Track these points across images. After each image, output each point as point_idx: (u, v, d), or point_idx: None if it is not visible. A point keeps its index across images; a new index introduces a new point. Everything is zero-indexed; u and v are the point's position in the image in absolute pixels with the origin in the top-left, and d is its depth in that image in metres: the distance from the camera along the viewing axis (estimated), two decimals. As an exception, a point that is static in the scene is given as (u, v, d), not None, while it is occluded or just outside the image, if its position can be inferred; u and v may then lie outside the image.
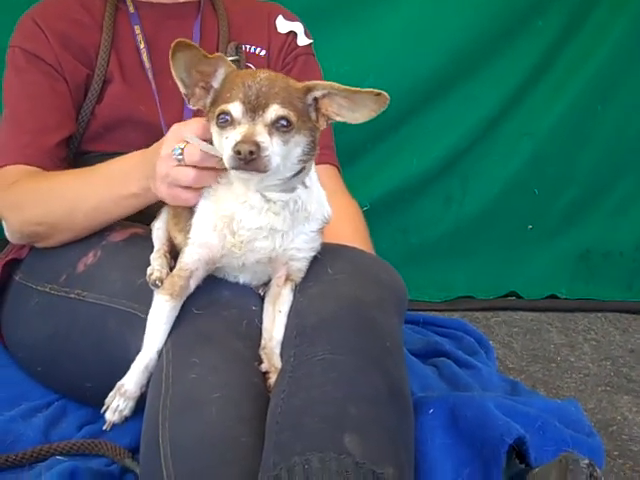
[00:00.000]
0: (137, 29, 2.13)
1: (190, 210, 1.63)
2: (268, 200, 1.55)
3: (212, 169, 1.58)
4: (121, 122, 2.06)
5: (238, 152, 1.41)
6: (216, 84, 1.54)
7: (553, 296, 3.25)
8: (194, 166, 1.57)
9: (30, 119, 2.01)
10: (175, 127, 1.63)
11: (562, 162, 3.30)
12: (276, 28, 2.23)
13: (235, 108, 1.46)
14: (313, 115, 1.53)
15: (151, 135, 1.95)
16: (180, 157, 1.57)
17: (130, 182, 1.73)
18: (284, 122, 1.46)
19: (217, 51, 2.14)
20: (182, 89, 1.55)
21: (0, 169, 1.97)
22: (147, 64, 2.09)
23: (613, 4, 3.15)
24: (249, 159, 1.41)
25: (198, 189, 1.60)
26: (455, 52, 3.08)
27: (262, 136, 1.43)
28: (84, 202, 1.82)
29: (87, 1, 2.16)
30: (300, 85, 1.52)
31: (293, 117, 1.47)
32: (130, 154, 1.79)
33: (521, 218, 3.31)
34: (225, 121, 1.46)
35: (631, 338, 2.98)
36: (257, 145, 1.41)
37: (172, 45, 1.48)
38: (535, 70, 3.20)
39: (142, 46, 2.11)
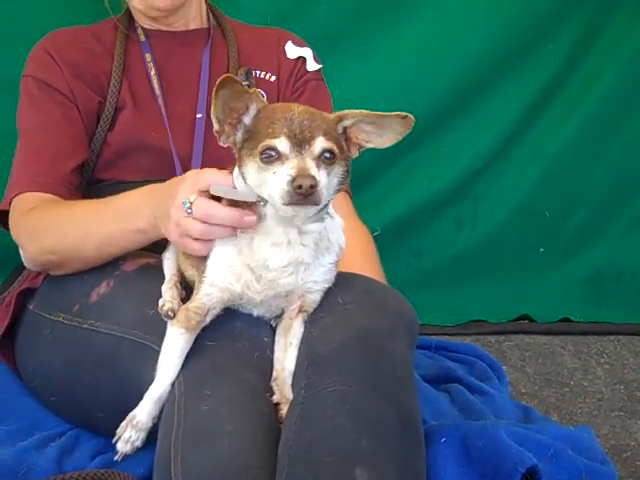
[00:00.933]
0: (148, 56, 2.16)
1: None
2: (302, 233, 1.55)
3: (222, 225, 1.57)
4: (133, 148, 2.08)
5: (299, 187, 1.40)
6: (247, 120, 1.52)
7: (566, 319, 3.23)
8: (204, 221, 1.57)
9: (45, 147, 2.03)
10: (189, 175, 1.63)
11: (573, 184, 3.29)
12: (285, 54, 2.25)
13: (282, 143, 1.44)
14: (344, 144, 1.54)
15: (162, 161, 1.98)
16: (189, 211, 1.56)
17: (138, 218, 1.74)
18: (328, 154, 1.47)
19: None
20: (216, 126, 1.53)
21: (17, 196, 1.99)
22: (158, 91, 2.12)
23: (622, 27, 3.15)
24: (309, 193, 1.41)
25: (208, 241, 1.60)
26: (464, 76, 3.08)
27: (314, 170, 1.43)
28: (95, 234, 1.84)
29: (98, 30, 2.20)
30: (332, 116, 1.53)
31: (336, 149, 1.48)
32: (140, 189, 1.80)
33: (532, 241, 3.30)
34: (270, 157, 1.45)
35: (644, 361, 2.97)
36: (314, 179, 1.42)
37: (217, 82, 1.45)
38: (545, 93, 3.19)
39: (153, 73, 2.14)
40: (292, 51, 2.26)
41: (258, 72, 2.21)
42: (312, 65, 2.26)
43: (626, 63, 3.20)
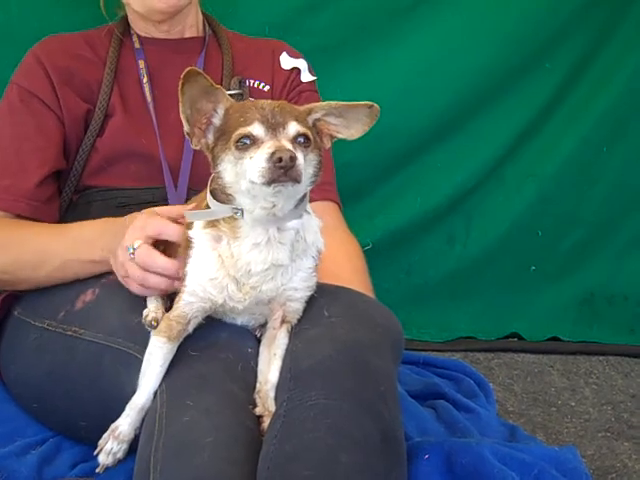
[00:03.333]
0: (141, 63, 2.17)
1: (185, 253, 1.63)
2: (281, 231, 1.55)
3: (160, 274, 1.63)
4: (122, 155, 2.08)
5: (279, 159, 1.40)
6: (217, 121, 1.54)
7: (555, 338, 3.23)
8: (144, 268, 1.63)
9: (11, 162, 2.05)
10: (142, 219, 1.68)
11: (567, 204, 3.29)
12: (280, 64, 2.27)
13: (256, 128, 1.46)
14: (316, 136, 1.55)
15: (151, 168, 1.98)
16: (132, 257, 1.63)
17: (93, 250, 1.82)
18: (302, 139, 1.48)
19: (221, 85, 2.16)
20: (186, 127, 1.54)
21: None
22: (149, 98, 2.12)
23: (620, 47, 3.16)
24: (290, 166, 1.41)
25: (146, 287, 1.66)
26: (461, 92, 3.09)
27: (292, 147, 1.45)
28: (50, 259, 1.90)
29: (92, 37, 2.21)
30: (302, 108, 1.55)
31: (310, 134, 1.49)
32: (100, 220, 1.86)
33: (524, 259, 3.29)
34: (245, 144, 1.46)
35: (633, 383, 2.95)
36: (293, 152, 1.42)
37: (182, 75, 1.47)
38: (541, 111, 3.20)
39: (145, 80, 2.14)
40: (287, 62, 2.26)
41: (252, 81, 2.21)
42: (306, 76, 2.26)
43: (622, 84, 3.21)
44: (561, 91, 3.18)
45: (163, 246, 1.68)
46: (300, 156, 1.45)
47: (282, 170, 1.41)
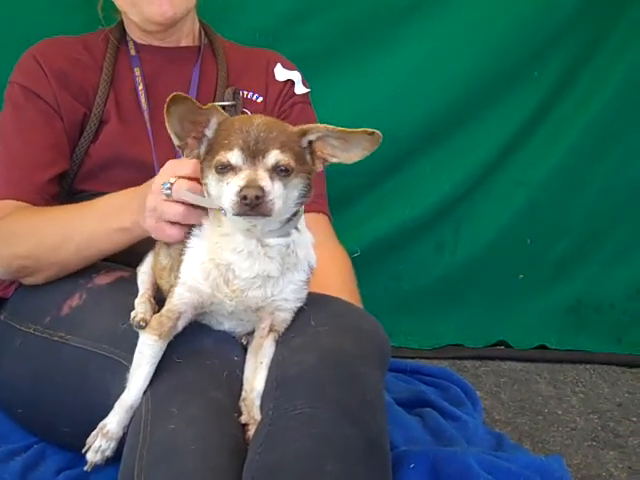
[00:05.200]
0: (137, 71, 2.16)
1: (179, 249, 1.63)
2: (264, 245, 1.55)
3: (200, 207, 1.59)
4: (115, 161, 2.07)
5: (244, 197, 1.41)
6: (209, 133, 1.53)
7: (543, 346, 3.24)
8: (183, 202, 1.58)
9: (24, 155, 2.02)
10: (169, 163, 1.64)
11: (555, 212, 3.30)
12: (274, 76, 2.26)
13: (235, 155, 1.46)
14: (308, 158, 1.54)
15: (144, 176, 1.96)
16: (168, 192, 1.58)
17: (123, 216, 1.75)
18: (282, 168, 1.47)
19: (215, 95, 2.17)
20: (176, 141, 1.54)
21: None
22: (144, 106, 2.12)
23: (609, 56, 3.18)
24: (255, 204, 1.41)
25: (184, 226, 1.61)
26: (450, 100, 3.09)
27: (265, 180, 1.44)
28: (77, 234, 1.83)
29: (89, 41, 2.20)
30: (296, 129, 1.54)
31: (292, 162, 1.48)
32: (125, 190, 1.81)
33: (513, 267, 3.30)
34: (224, 168, 1.46)
35: (619, 391, 2.95)
36: (262, 189, 1.42)
37: (167, 100, 1.48)
38: (530, 120, 3.20)
39: (140, 88, 2.13)
40: (281, 74, 2.26)
41: (245, 92, 2.21)
42: (300, 89, 2.26)
43: (611, 93, 3.21)
44: (550, 100, 3.19)
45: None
46: (277, 186, 1.45)
47: (247, 207, 1.42)
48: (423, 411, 2.25)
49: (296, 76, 2.27)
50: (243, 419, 1.54)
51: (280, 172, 1.47)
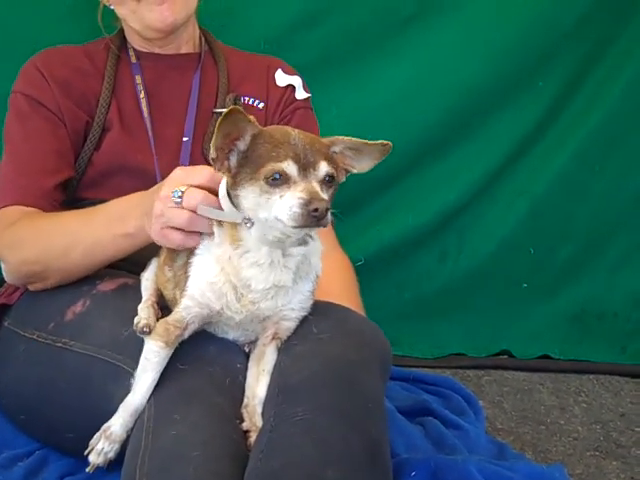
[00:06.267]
0: (138, 78, 2.17)
1: (185, 261, 1.63)
2: (286, 255, 1.56)
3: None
4: (117, 170, 2.08)
5: (315, 210, 1.41)
6: (242, 146, 1.51)
7: (546, 356, 3.23)
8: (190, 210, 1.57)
9: (30, 161, 2.03)
10: (179, 170, 1.64)
11: (558, 221, 3.30)
12: (275, 81, 2.27)
13: (289, 167, 1.46)
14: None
15: (146, 184, 1.96)
16: (179, 200, 1.57)
17: (127, 222, 1.74)
18: (329, 178, 1.49)
19: (216, 102, 2.18)
20: (213, 154, 1.52)
21: (0, 210, 1.98)
22: (146, 113, 2.13)
23: (612, 67, 3.18)
24: (323, 216, 1.42)
25: (189, 233, 1.60)
26: (453, 109, 3.10)
27: (324, 193, 1.46)
28: (82, 240, 1.83)
29: (90, 50, 2.21)
30: (325, 141, 1.55)
31: (335, 173, 1.51)
32: (131, 195, 1.80)
33: (516, 276, 3.29)
34: (275, 180, 1.46)
35: (622, 402, 2.94)
36: (328, 202, 1.44)
37: (224, 113, 1.46)
38: (533, 129, 3.21)
39: (142, 95, 2.14)
40: (282, 79, 2.27)
41: (246, 99, 2.22)
42: (301, 94, 2.27)
43: (614, 102, 3.22)
44: (553, 109, 3.19)
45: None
46: (326, 197, 1.46)
47: (315, 219, 1.43)
48: (425, 420, 2.25)
49: (297, 81, 2.28)
50: (245, 426, 1.54)
51: (327, 183, 1.49)
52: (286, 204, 1.44)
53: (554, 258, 3.32)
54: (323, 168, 1.48)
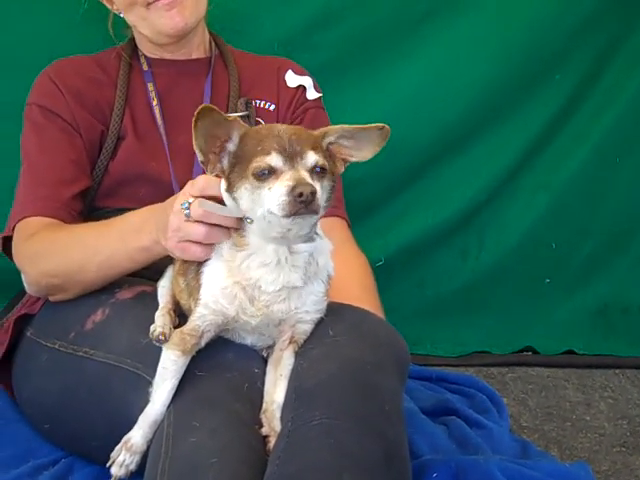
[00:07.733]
0: (150, 86, 2.19)
1: (196, 270, 1.64)
2: (292, 252, 1.56)
3: (221, 226, 1.59)
4: (133, 178, 2.10)
5: (300, 194, 1.41)
6: (232, 146, 1.53)
7: (570, 351, 3.20)
8: (204, 222, 1.58)
9: (48, 172, 2.05)
10: (189, 183, 1.64)
11: (580, 216, 3.28)
12: (286, 82, 2.27)
13: (274, 159, 1.46)
14: (329, 160, 1.55)
15: (161, 191, 1.98)
16: (187, 212, 1.58)
17: (142, 235, 1.75)
18: (319, 169, 1.48)
19: (228, 106, 2.19)
20: (200, 157, 1.54)
21: (20, 222, 2.00)
22: (159, 121, 2.14)
23: (630, 58, 3.15)
24: (310, 200, 1.42)
25: (208, 245, 1.61)
26: (471, 106, 3.08)
27: (310, 179, 1.45)
28: (97, 254, 1.85)
29: (102, 59, 2.23)
30: (316, 132, 1.55)
31: (325, 162, 1.50)
32: (144, 208, 1.81)
33: (538, 272, 3.27)
34: (263, 174, 1.46)
35: (649, 396, 2.93)
36: (314, 187, 1.43)
37: (195, 114, 1.47)
38: (553, 123, 3.19)
39: (155, 103, 2.16)
40: (292, 80, 2.27)
41: (258, 102, 2.22)
42: (312, 94, 2.27)
43: (633, 94, 3.19)
44: (572, 103, 3.17)
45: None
46: (318, 186, 1.45)
47: (302, 204, 1.42)
48: (448, 419, 2.25)
49: (307, 81, 2.28)
50: (264, 431, 1.55)
51: (317, 172, 1.48)
52: (275, 194, 1.44)
53: (576, 252, 3.30)
54: (311, 157, 1.47)
